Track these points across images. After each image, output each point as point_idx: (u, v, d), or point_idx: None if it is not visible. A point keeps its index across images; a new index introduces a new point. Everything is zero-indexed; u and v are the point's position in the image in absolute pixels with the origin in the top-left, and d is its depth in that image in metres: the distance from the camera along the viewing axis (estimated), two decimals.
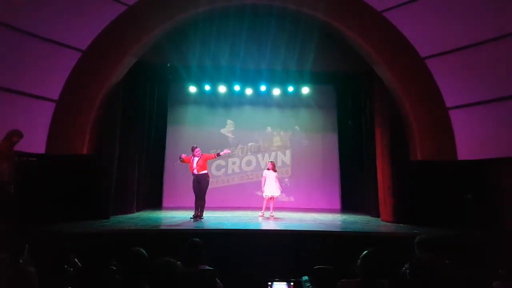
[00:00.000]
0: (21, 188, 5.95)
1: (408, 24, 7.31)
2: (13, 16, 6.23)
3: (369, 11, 7.43)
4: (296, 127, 11.05)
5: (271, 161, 8.29)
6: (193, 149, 7.34)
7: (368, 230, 6.27)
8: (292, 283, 3.13)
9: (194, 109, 10.83)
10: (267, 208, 7.98)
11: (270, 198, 7.96)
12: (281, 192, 8.37)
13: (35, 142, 6.69)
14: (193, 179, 7.28)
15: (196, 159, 7.25)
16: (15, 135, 5.61)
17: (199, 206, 7.21)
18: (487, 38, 6.58)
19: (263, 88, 10.19)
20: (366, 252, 2.87)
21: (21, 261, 2.85)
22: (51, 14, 6.60)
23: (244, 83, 10.10)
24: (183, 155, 7.48)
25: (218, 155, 7.58)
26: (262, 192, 8.02)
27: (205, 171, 7.28)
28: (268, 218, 7.62)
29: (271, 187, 7.91)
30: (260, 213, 7.96)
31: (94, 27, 7.14)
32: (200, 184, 7.20)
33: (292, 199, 10.57)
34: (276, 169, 8.22)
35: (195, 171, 7.22)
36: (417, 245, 3.64)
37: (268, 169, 8.10)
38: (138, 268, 2.85)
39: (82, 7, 6.91)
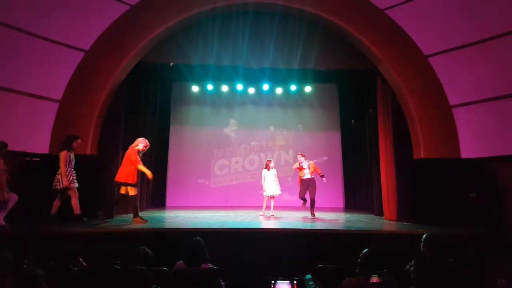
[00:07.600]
0: (24, 188, 6.01)
1: (411, 22, 7.28)
2: (15, 16, 6.25)
3: (372, 9, 7.42)
4: (299, 126, 11.04)
5: (268, 160, 8.26)
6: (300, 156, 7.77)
7: (371, 229, 6.26)
8: (295, 282, 3.12)
9: (197, 108, 10.81)
10: (268, 207, 7.92)
11: (270, 197, 7.91)
12: (283, 191, 8.30)
13: (38, 142, 6.75)
14: (302, 184, 7.73)
15: (305, 164, 7.64)
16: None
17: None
18: (490, 35, 6.54)
19: (265, 87, 10.14)
20: (366, 250, 2.86)
21: (25, 261, 2.87)
22: (53, 14, 6.61)
23: (247, 82, 10.06)
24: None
25: (322, 176, 7.82)
26: (264, 191, 7.98)
27: (313, 176, 7.72)
28: (269, 217, 7.59)
29: (271, 186, 7.87)
30: (261, 213, 7.91)
31: (96, 27, 7.16)
32: (310, 188, 7.63)
33: (295, 198, 10.51)
34: (276, 167, 8.11)
35: (307, 176, 7.65)
36: (424, 242, 3.63)
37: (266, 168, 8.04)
38: (143, 267, 2.87)
39: (84, 7, 6.92)
